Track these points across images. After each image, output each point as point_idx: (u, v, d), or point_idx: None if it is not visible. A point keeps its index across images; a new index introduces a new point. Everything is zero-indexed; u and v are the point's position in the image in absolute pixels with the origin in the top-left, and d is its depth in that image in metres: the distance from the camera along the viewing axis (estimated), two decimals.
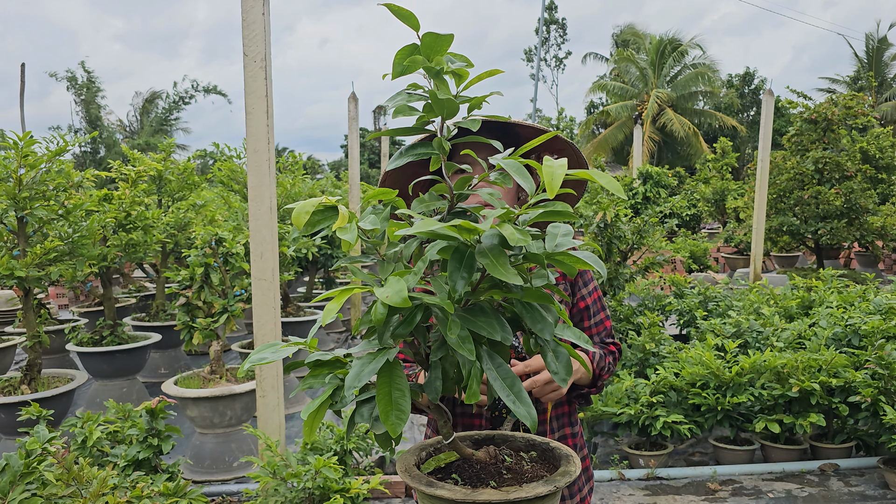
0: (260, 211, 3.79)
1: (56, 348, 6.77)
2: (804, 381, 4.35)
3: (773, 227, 11.10)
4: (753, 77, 34.98)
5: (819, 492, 4.15)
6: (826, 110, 11.08)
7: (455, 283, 0.89)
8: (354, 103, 8.91)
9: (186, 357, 7.30)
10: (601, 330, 1.91)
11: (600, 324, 1.90)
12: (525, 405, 0.94)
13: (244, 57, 3.79)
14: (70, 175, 4.94)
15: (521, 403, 0.94)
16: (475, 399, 0.92)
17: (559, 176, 0.86)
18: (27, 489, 2.47)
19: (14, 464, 2.46)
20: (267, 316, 3.83)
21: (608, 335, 1.92)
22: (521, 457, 1.16)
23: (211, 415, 4.55)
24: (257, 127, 3.77)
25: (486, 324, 0.94)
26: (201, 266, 5.01)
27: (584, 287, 1.88)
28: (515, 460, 1.14)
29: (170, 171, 7.04)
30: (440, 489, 0.99)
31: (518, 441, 1.23)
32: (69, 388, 4.73)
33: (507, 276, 0.85)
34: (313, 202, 0.99)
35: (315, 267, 8.88)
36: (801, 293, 6.41)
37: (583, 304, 1.88)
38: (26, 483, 2.49)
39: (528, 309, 0.98)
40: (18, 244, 4.72)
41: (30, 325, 4.77)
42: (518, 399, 0.95)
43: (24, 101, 22.57)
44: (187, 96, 28.57)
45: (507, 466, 1.11)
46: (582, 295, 1.88)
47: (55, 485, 2.58)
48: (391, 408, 0.92)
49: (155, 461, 3.57)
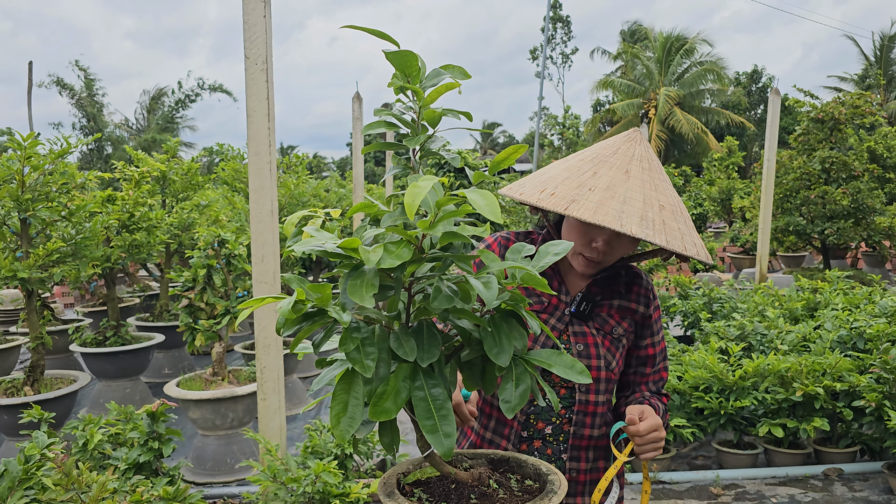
0: (261, 214, 3.78)
1: (60, 348, 6.79)
2: (808, 386, 4.33)
3: (780, 227, 11.04)
4: (761, 75, 34.86)
5: (823, 497, 4.12)
6: (833, 109, 11.01)
7: (344, 303, 0.93)
8: (359, 103, 8.91)
9: (190, 357, 7.31)
10: (658, 379, 1.81)
11: (658, 373, 1.80)
12: (442, 432, 0.93)
13: (245, 60, 3.78)
14: (73, 176, 4.94)
15: (439, 430, 0.94)
16: (387, 416, 0.93)
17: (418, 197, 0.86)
18: (26, 495, 2.47)
19: (13, 469, 2.46)
20: (268, 319, 3.82)
21: (663, 385, 1.82)
22: (510, 484, 1.15)
23: (213, 417, 4.55)
24: (259, 130, 3.76)
25: (405, 344, 0.95)
26: (204, 267, 5.01)
27: (656, 334, 1.77)
28: (501, 487, 1.13)
29: (174, 171, 7.05)
30: (394, 501, 1.03)
31: (528, 468, 1.21)
32: (72, 389, 4.74)
33: (362, 299, 0.86)
34: (298, 214, 1.06)
35: (319, 267, 8.88)
36: (807, 295, 6.37)
37: (651, 352, 1.78)
38: (25, 489, 2.49)
39: (489, 332, 0.97)
40: (21, 245, 4.72)
41: (33, 326, 4.78)
42: (440, 422, 0.94)
43: (31, 99, 22.69)
44: (193, 94, 28.61)
45: (483, 492, 1.10)
46: (653, 342, 1.78)
47: (54, 490, 2.58)
48: (343, 414, 0.94)
49: (156, 464, 3.57)
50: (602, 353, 1.68)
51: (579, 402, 1.66)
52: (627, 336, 1.74)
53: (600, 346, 1.68)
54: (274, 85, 3.92)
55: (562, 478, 1.12)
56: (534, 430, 1.68)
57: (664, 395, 1.83)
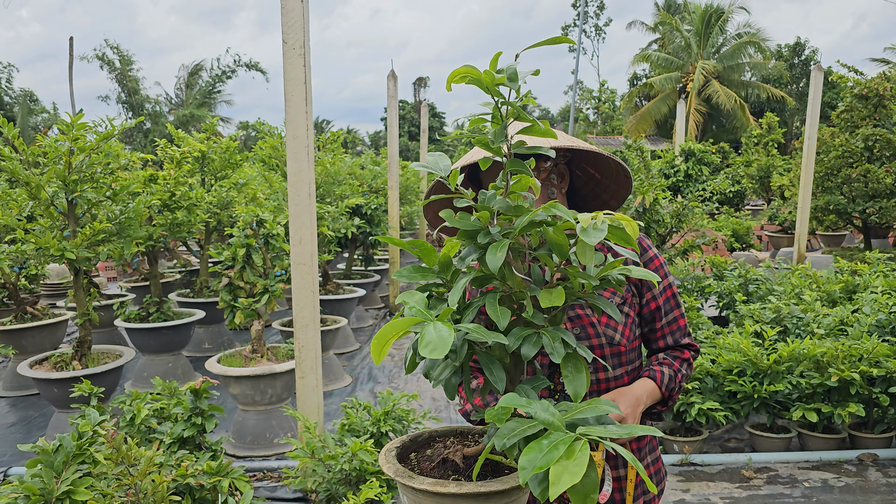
0: (299, 197, 3.85)
1: (105, 322, 7.00)
2: (844, 371, 4.30)
3: (820, 206, 10.85)
4: (804, 47, 33.93)
5: (856, 482, 4.12)
6: (878, 85, 10.74)
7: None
8: (394, 81, 8.93)
9: (229, 333, 7.49)
10: (675, 329, 1.80)
11: (673, 322, 1.79)
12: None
13: (283, 45, 3.82)
14: (118, 157, 5.07)
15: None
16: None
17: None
18: (79, 469, 2.59)
19: (67, 445, 2.59)
20: (306, 300, 3.91)
21: (683, 334, 1.81)
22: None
23: (252, 392, 4.69)
24: (296, 114, 3.82)
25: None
26: (243, 247, 5.12)
27: (654, 287, 1.77)
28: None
29: (213, 150, 7.17)
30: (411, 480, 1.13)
31: None
32: (118, 364, 4.91)
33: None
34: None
35: (354, 245, 8.98)
36: (846, 277, 6.28)
37: (654, 305, 1.77)
38: (78, 463, 2.61)
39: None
40: (69, 225, 4.87)
41: (80, 303, 4.94)
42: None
43: (72, 75, 23.03)
44: (230, 70, 28.80)
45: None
46: (653, 295, 1.77)
47: (105, 464, 2.70)
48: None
49: (199, 438, 3.70)
50: (601, 330, 1.67)
51: (592, 384, 1.66)
52: (629, 303, 1.73)
53: (598, 324, 1.67)
54: (311, 68, 3.97)
55: None
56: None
57: (684, 346, 1.81)
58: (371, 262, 9.44)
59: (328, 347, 6.22)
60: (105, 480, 2.75)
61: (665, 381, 1.72)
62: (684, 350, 1.82)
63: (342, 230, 7.22)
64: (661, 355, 1.80)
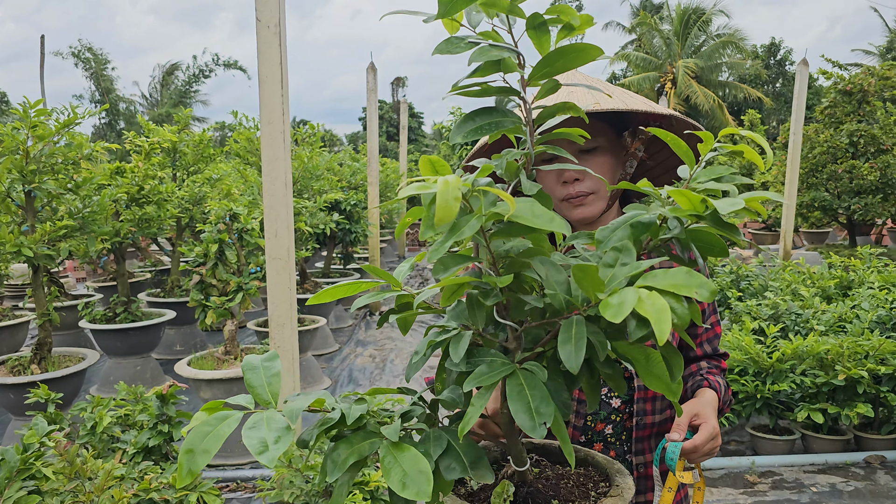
0: (275, 186, 3.58)
1: (70, 324, 6.65)
2: (851, 369, 4.10)
3: (805, 203, 10.75)
4: (779, 48, 34.13)
5: (866, 486, 3.91)
6: (862, 81, 10.65)
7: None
8: (373, 73, 8.66)
9: (202, 334, 7.17)
10: (712, 336, 1.61)
11: (711, 329, 1.60)
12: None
13: (257, 23, 3.55)
14: (80, 147, 4.75)
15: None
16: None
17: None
18: (25, 486, 2.30)
19: (10, 459, 2.29)
20: (282, 297, 3.64)
21: (720, 342, 1.64)
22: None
23: (225, 397, 4.38)
24: (271, 97, 3.54)
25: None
26: (215, 242, 4.83)
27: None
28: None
29: (185, 143, 6.85)
30: None
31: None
32: (80, 368, 4.58)
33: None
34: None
35: (333, 242, 8.68)
36: (839, 272, 6.12)
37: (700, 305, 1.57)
38: (24, 479, 2.32)
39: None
40: (27, 219, 4.55)
41: (39, 302, 4.62)
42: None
43: (43, 73, 22.49)
44: (207, 70, 28.37)
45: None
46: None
47: (55, 480, 2.41)
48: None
49: (166, 448, 3.41)
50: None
51: (638, 389, 1.45)
52: None
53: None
54: (287, 51, 3.69)
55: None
56: (593, 433, 1.49)
57: (721, 354, 1.63)
58: (351, 261, 9.14)
59: (306, 348, 5.92)
60: (57, 497, 2.46)
61: (722, 393, 1.52)
62: (721, 360, 1.63)
63: (320, 226, 6.93)
64: (705, 364, 1.59)
